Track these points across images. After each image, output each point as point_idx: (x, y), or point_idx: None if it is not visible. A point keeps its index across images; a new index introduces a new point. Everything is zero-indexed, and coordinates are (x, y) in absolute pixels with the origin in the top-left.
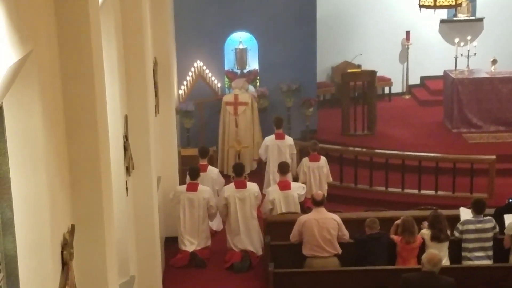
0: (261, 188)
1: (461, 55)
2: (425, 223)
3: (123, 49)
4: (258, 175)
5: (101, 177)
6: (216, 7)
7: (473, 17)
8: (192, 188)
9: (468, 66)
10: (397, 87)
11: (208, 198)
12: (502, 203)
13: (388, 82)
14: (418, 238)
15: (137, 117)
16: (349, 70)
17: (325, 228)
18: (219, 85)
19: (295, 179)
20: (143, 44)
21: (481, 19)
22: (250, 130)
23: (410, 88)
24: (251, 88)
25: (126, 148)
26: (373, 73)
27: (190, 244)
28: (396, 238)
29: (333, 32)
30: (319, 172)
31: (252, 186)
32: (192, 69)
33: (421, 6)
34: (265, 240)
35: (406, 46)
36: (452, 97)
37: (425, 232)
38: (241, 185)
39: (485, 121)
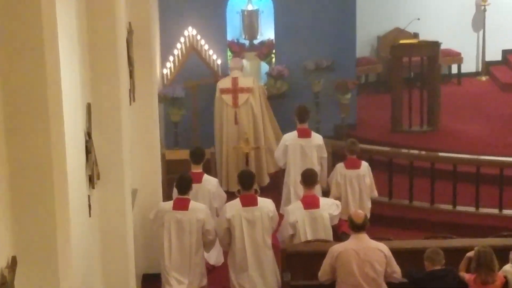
0: (277, 206)
1: None
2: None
3: (85, 11)
4: (273, 188)
5: (54, 191)
6: None
7: None
8: (182, 205)
9: None
10: (469, 65)
11: (203, 219)
12: None
13: (456, 57)
14: (499, 277)
15: (104, 106)
16: (401, 41)
17: (367, 262)
18: (219, 61)
19: (326, 193)
20: (113, 4)
21: None
22: (258, 127)
23: (487, 66)
24: (263, 68)
25: (89, 150)
26: (435, 45)
27: (178, 284)
28: (468, 276)
29: None
30: (359, 184)
31: (266, 203)
32: (182, 39)
33: None
34: (283, 279)
35: (483, 7)
36: None
37: (510, 269)
38: (250, 202)
39: None
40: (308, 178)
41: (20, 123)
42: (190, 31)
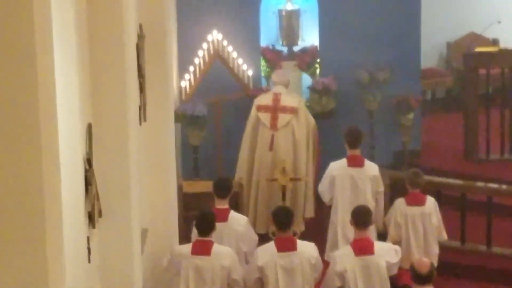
0: (321, 251)
1: None
2: None
3: (86, 10)
4: (316, 230)
5: (46, 232)
6: None
7: None
8: (203, 249)
9: None
10: None
11: (229, 266)
12: None
13: None
14: None
15: (108, 127)
16: (478, 49)
17: None
18: (250, 72)
19: (382, 235)
20: (120, 2)
21: None
22: (299, 157)
23: None
24: (304, 80)
25: (89, 181)
26: None
27: None
28: None
29: None
30: (423, 224)
31: (307, 248)
32: (205, 46)
33: None
34: None
35: None
36: None
37: None
38: (287, 246)
39: None
40: (360, 217)
41: (5, 149)
42: (215, 35)
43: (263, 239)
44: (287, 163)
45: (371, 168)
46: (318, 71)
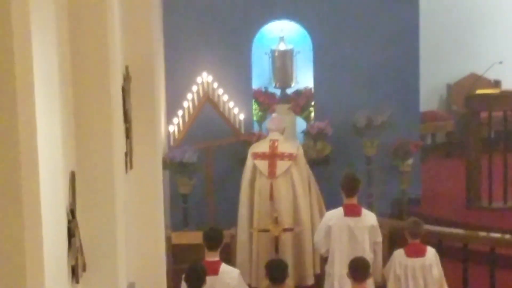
0: None
1: None
2: None
3: (69, 51)
4: (313, 284)
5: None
6: None
7: None
8: None
9: None
10: None
11: None
12: None
13: None
14: None
15: (93, 175)
16: (479, 91)
17: None
18: (242, 116)
19: None
20: (105, 42)
21: None
22: (299, 205)
23: None
24: (299, 125)
25: (72, 233)
26: None
27: None
28: None
29: (450, 22)
30: (424, 276)
31: None
32: (194, 88)
33: None
34: None
35: None
36: None
37: None
38: None
39: None
40: (358, 269)
41: None
42: (205, 77)
43: None
44: (283, 212)
45: (369, 217)
46: (312, 114)
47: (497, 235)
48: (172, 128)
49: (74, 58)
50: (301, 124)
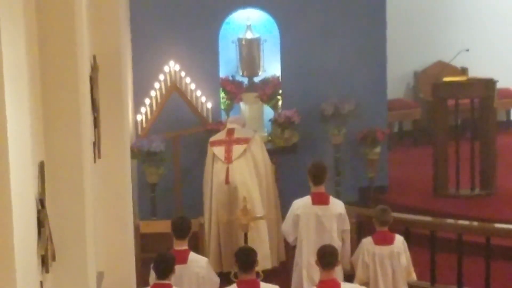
0: None
1: None
2: None
3: (38, 43)
4: (281, 272)
5: None
6: None
7: None
8: None
9: None
10: None
11: None
12: None
13: None
14: None
15: (61, 165)
16: (446, 79)
17: None
18: (209, 105)
19: (350, 276)
20: (73, 32)
21: None
22: (261, 187)
23: None
24: (266, 113)
25: (41, 223)
26: (489, 83)
27: None
28: None
29: (417, 10)
30: (392, 264)
31: None
32: (161, 77)
33: None
34: None
35: None
36: None
37: None
38: None
39: None
40: (326, 257)
41: None
42: (172, 66)
43: (229, 281)
44: (248, 200)
45: (337, 205)
46: (280, 103)
47: (465, 222)
48: (140, 117)
49: (42, 49)
50: (268, 112)
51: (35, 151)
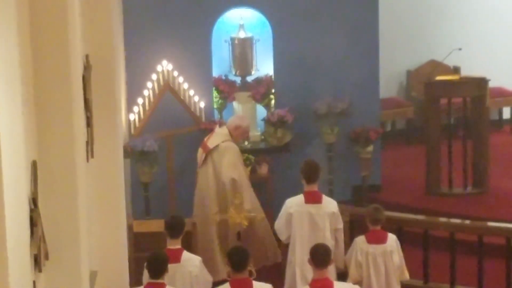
0: None
1: None
2: None
3: (30, 43)
4: (273, 270)
5: None
6: None
7: None
8: None
9: None
10: None
11: None
12: None
13: (509, 98)
14: None
15: (54, 164)
16: (439, 77)
17: None
18: (202, 104)
19: (343, 275)
20: (65, 31)
21: None
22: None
23: None
24: (259, 112)
25: (34, 222)
26: (482, 82)
27: None
28: None
29: (410, 9)
30: (385, 263)
31: None
32: (154, 77)
33: None
34: None
35: None
36: None
37: None
38: None
39: None
40: (319, 256)
41: None
42: (165, 65)
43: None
44: (238, 196)
45: (330, 204)
46: (273, 102)
47: (457, 221)
48: (133, 117)
49: (35, 48)
50: (261, 111)
51: (27, 150)
